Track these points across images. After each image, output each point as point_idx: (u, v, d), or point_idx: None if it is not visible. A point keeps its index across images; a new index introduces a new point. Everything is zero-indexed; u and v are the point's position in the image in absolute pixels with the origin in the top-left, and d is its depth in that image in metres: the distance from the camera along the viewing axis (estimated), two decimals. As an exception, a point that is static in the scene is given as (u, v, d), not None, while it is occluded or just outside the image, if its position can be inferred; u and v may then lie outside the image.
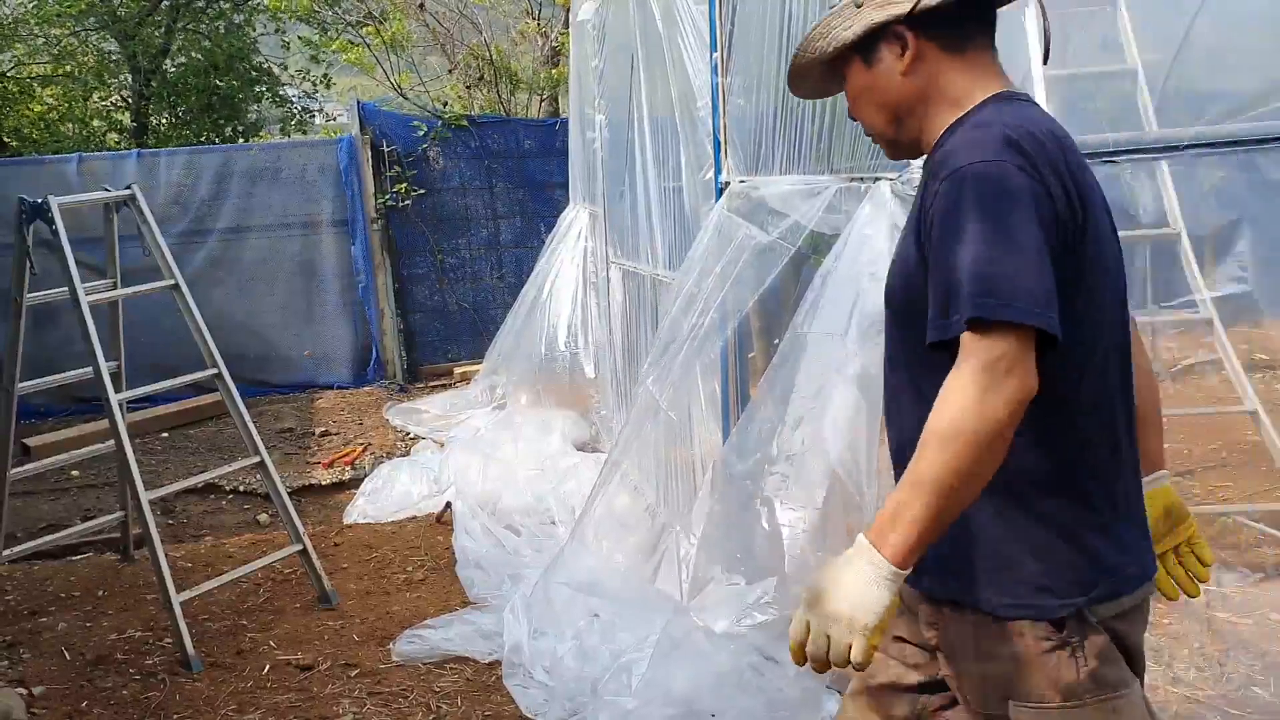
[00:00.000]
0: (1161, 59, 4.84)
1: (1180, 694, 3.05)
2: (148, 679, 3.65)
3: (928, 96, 1.62)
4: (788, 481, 2.84)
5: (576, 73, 6.71)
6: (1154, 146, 2.85)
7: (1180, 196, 4.26)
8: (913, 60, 1.60)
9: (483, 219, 8.37)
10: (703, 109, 3.76)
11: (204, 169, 7.87)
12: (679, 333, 3.53)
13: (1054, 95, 4.13)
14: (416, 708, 3.36)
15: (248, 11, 11.17)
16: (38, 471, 4.50)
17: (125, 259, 4.40)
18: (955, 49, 1.60)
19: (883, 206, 2.65)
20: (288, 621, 4.05)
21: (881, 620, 1.41)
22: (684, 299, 3.54)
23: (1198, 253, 4.31)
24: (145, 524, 3.81)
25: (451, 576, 4.40)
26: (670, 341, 3.59)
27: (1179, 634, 3.42)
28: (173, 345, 6.62)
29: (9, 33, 10.50)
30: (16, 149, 9.75)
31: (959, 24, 1.60)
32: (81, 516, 5.37)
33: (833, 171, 3.06)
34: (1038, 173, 1.43)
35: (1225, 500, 4.46)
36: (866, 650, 1.41)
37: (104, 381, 3.95)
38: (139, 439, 6.49)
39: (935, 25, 1.59)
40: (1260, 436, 4.10)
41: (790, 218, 3.14)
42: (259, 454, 4.19)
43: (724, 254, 3.39)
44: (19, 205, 3.96)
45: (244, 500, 5.70)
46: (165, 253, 4.23)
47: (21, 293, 4.08)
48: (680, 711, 2.93)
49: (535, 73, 11.83)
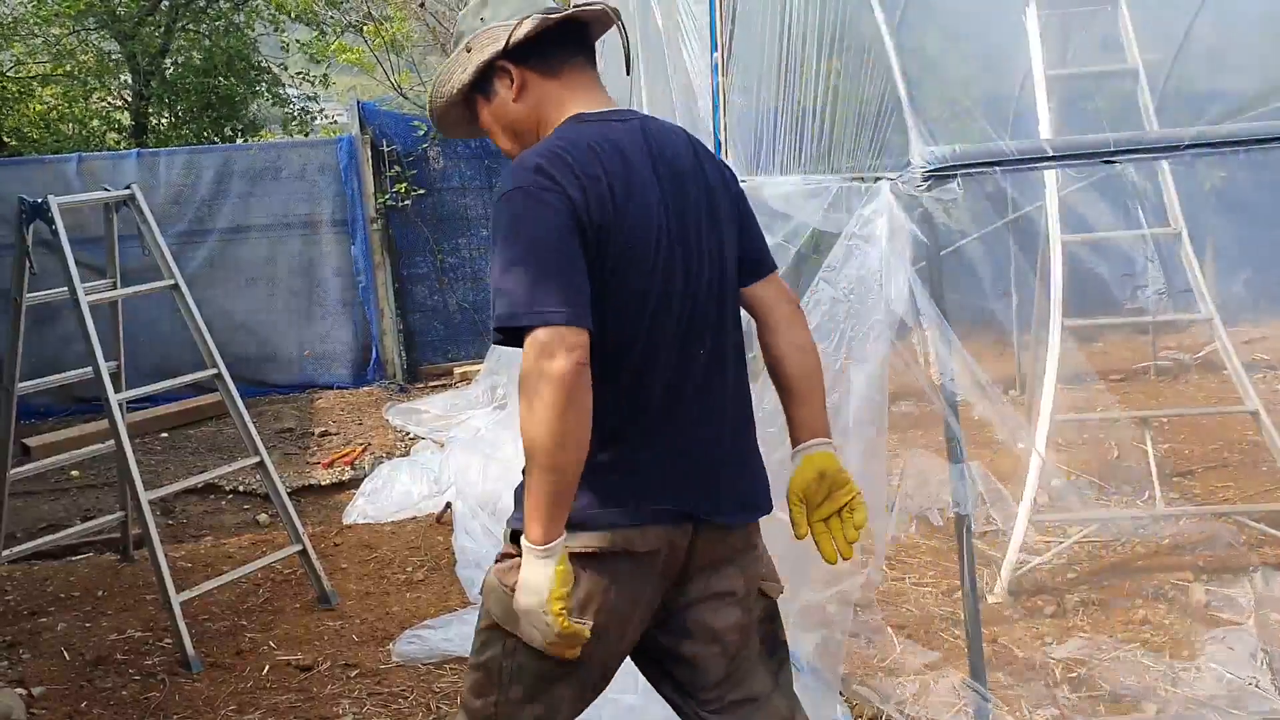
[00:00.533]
0: (1162, 59, 4.84)
1: (1180, 694, 3.05)
2: (148, 679, 3.64)
3: (538, 117, 1.93)
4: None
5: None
6: (1154, 146, 2.84)
7: (1180, 196, 4.26)
8: (519, 88, 1.92)
9: (483, 219, 8.37)
10: (703, 109, 3.76)
11: (204, 169, 7.86)
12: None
13: (1054, 95, 4.14)
14: (416, 708, 3.36)
15: (248, 12, 11.17)
16: (38, 471, 4.49)
17: (125, 259, 4.40)
18: (551, 73, 1.91)
19: (883, 207, 2.65)
20: (287, 622, 4.04)
21: (553, 588, 1.68)
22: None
23: (1198, 252, 4.31)
24: (145, 524, 3.81)
25: (451, 576, 4.40)
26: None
27: (1179, 634, 3.42)
28: (173, 345, 6.65)
29: (9, 32, 10.50)
30: (16, 149, 9.74)
31: (551, 53, 1.91)
32: (81, 516, 5.37)
33: (833, 171, 3.06)
34: (560, 189, 1.73)
35: (1225, 500, 4.46)
36: (555, 616, 1.68)
37: (104, 381, 3.95)
38: (139, 439, 6.48)
39: (530, 56, 1.90)
40: (1260, 436, 4.10)
41: (794, 219, 3.14)
42: (259, 454, 4.19)
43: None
44: (19, 205, 3.96)
45: (244, 500, 5.70)
46: (165, 253, 4.22)
47: (21, 292, 4.08)
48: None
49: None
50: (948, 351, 2.51)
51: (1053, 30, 4.63)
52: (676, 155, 1.90)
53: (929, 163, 2.53)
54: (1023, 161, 2.63)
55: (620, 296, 1.79)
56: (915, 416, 4.58)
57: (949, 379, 2.52)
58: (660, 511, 1.83)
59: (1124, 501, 4.36)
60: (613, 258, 1.77)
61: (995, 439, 2.95)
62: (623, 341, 1.80)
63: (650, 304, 1.81)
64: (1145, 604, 3.64)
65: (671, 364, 1.85)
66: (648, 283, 1.81)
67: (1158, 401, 5.98)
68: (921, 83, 3.30)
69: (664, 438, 1.85)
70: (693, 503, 1.85)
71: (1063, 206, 4.09)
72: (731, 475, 1.93)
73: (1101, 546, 4.14)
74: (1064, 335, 3.92)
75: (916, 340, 2.57)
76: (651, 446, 1.84)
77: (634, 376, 1.82)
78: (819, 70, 3.12)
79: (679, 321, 1.85)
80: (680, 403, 1.86)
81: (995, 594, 3.71)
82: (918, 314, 2.55)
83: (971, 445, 2.62)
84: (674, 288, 1.84)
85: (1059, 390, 3.85)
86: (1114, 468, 4.60)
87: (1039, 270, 4.54)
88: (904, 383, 2.67)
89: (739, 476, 1.95)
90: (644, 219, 1.80)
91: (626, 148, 1.83)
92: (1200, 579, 3.76)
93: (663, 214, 1.83)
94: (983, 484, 2.60)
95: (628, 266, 1.79)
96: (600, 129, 1.85)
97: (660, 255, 1.82)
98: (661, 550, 1.84)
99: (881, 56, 2.75)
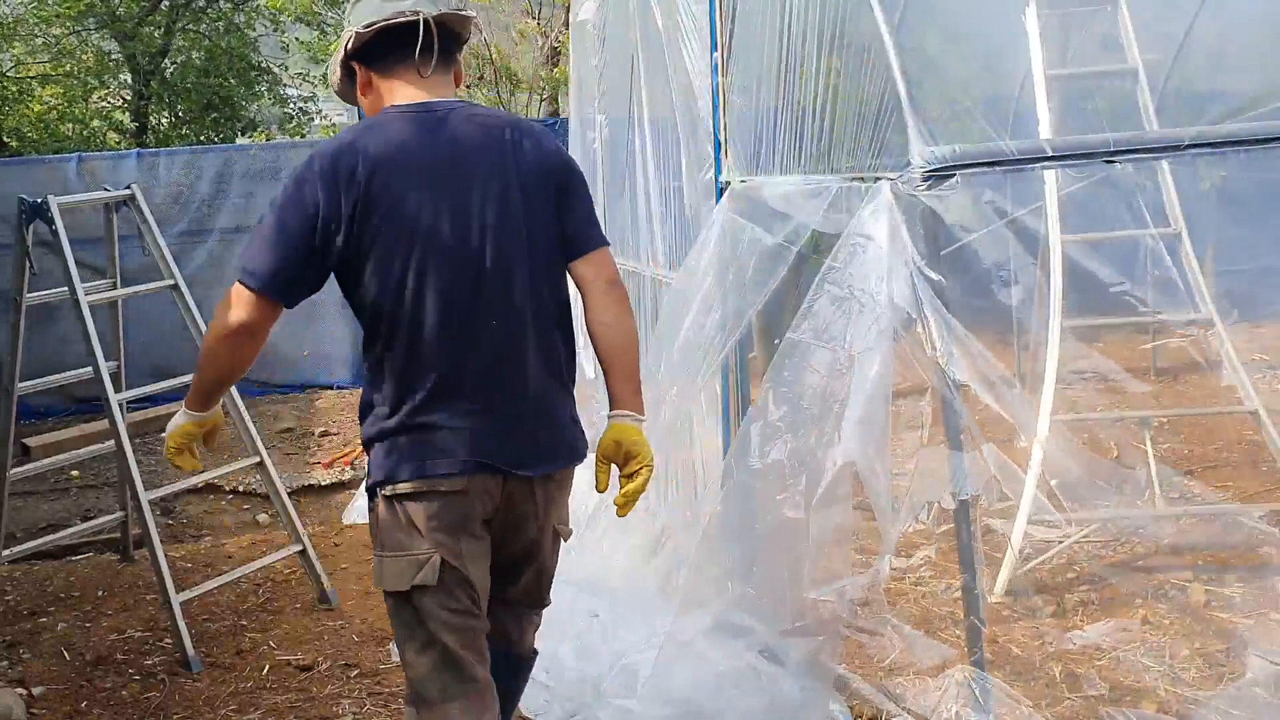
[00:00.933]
0: (1162, 59, 4.84)
1: (1180, 694, 3.05)
2: (148, 679, 3.64)
3: (378, 104, 2.27)
4: (798, 484, 2.83)
5: (576, 73, 6.70)
6: (1154, 146, 2.83)
7: (1180, 196, 4.26)
8: (363, 84, 2.29)
9: (483, 219, 8.36)
10: (703, 109, 3.75)
11: (204, 169, 7.86)
12: (677, 332, 3.53)
13: (1054, 95, 4.14)
14: (416, 708, 3.36)
15: (248, 12, 11.17)
16: (38, 471, 4.50)
17: (125, 259, 4.40)
18: (386, 71, 2.25)
19: (883, 207, 2.65)
20: (287, 621, 4.04)
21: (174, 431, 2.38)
22: (687, 300, 3.54)
23: (1198, 252, 4.31)
24: (145, 524, 3.81)
25: (451, 576, 4.39)
26: (671, 342, 3.59)
27: (1179, 634, 3.42)
28: (173, 345, 6.63)
29: (9, 33, 10.50)
30: (16, 149, 9.74)
31: (387, 53, 2.23)
32: (81, 516, 5.37)
33: (833, 171, 3.06)
34: (320, 181, 2.09)
35: (1225, 500, 4.46)
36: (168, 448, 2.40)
37: (104, 381, 3.95)
38: (139, 439, 6.48)
39: (368, 59, 2.25)
40: (1260, 436, 4.10)
41: (794, 219, 3.14)
42: (259, 454, 4.19)
43: (730, 256, 3.39)
44: (19, 205, 3.96)
45: (244, 500, 5.70)
46: (165, 253, 4.23)
47: (21, 293, 4.08)
48: (681, 712, 2.93)
49: (535, 73, 11.83)
50: (950, 339, 2.51)
51: (1053, 30, 4.63)
52: (475, 145, 2.18)
53: (929, 163, 2.53)
54: (1023, 161, 2.63)
55: (384, 268, 2.11)
56: (926, 415, 4.57)
57: (950, 365, 2.52)
58: (465, 463, 2.15)
59: (1124, 501, 4.36)
60: (371, 234, 2.10)
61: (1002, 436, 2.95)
62: (391, 308, 2.13)
63: (413, 280, 2.11)
64: (1145, 604, 3.64)
65: (456, 328, 2.14)
66: (408, 254, 2.11)
67: (1158, 401, 5.98)
68: (921, 83, 3.29)
69: (462, 394, 2.15)
70: (495, 456, 2.17)
71: (1062, 206, 4.09)
72: (532, 431, 2.23)
73: (1101, 546, 4.14)
74: (1064, 335, 3.92)
75: (921, 330, 2.57)
76: (450, 402, 2.15)
77: (411, 340, 2.13)
78: (819, 70, 3.12)
79: (458, 289, 2.13)
80: (477, 363, 2.16)
81: (995, 594, 3.71)
82: (920, 311, 2.55)
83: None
84: (441, 258, 2.12)
85: (1058, 390, 3.85)
86: (1114, 468, 4.60)
87: (1039, 270, 4.53)
88: (912, 382, 2.68)
89: (541, 433, 2.25)
90: (406, 201, 2.11)
91: (408, 136, 2.16)
92: (1200, 579, 3.76)
93: (438, 195, 2.13)
94: (994, 464, 2.61)
95: (387, 240, 2.11)
96: (399, 122, 2.18)
97: (422, 229, 2.11)
98: (470, 491, 2.17)
99: (881, 56, 2.75)
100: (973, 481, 2.56)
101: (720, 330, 3.40)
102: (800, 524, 2.76)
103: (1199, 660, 3.24)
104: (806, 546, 2.77)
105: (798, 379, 2.84)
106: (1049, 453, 3.19)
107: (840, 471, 2.66)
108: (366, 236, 2.10)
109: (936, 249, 2.61)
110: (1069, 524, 3.96)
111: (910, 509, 2.70)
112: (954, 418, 2.55)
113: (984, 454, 2.60)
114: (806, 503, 2.74)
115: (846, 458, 2.64)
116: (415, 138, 2.16)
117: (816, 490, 2.72)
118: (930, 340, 2.53)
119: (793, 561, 2.88)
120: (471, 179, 2.15)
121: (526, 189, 2.19)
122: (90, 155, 8.12)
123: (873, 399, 2.62)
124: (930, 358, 2.53)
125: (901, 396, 2.68)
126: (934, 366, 2.53)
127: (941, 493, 2.60)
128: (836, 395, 2.70)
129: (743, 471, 2.98)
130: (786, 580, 2.95)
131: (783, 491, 2.81)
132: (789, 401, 2.86)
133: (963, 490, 2.55)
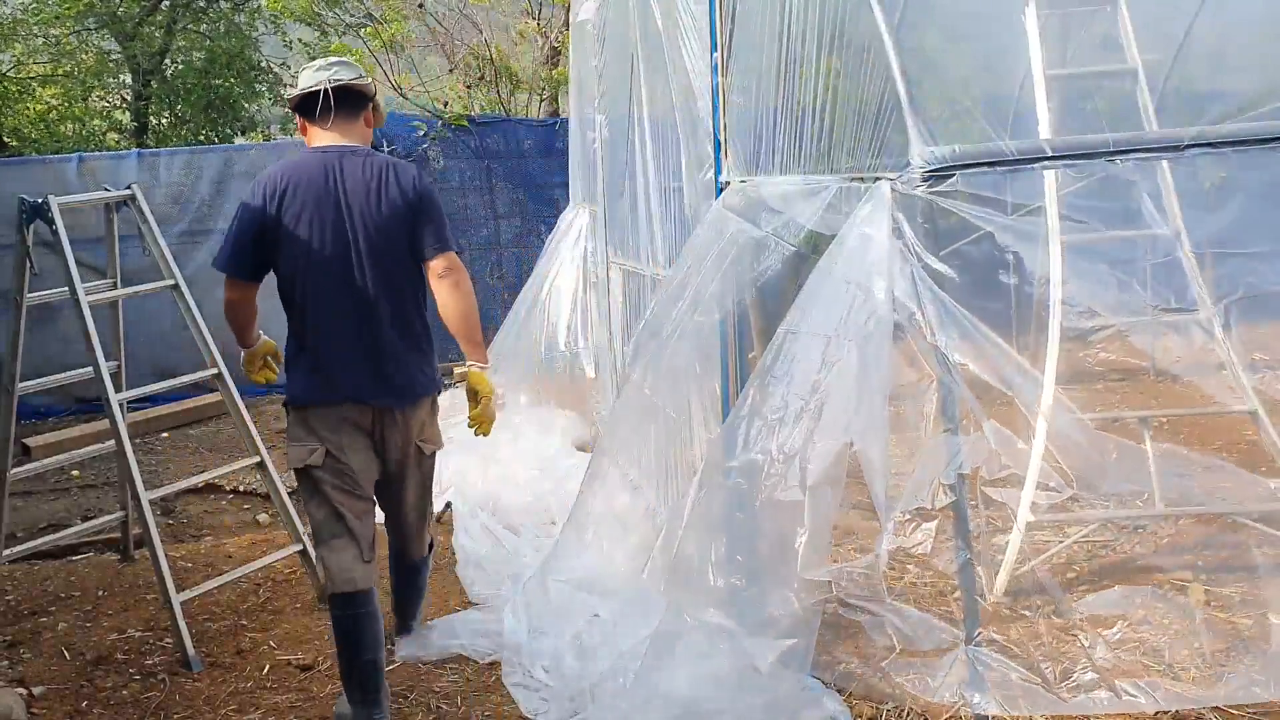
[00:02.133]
0: (1161, 59, 4.84)
1: (1180, 694, 3.04)
2: (148, 679, 3.65)
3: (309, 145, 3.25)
4: (787, 479, 2.82)
5: (576, 73, 6.71)
6: (1154, 146, 2.84)
7: (1180, 196, 4.26)
8: (301, 127, 3.32)
9: (482, 219, 8.36)
10: (703, 109, 3.75)
11: (204, 169, 7.87)
12: (665, 322, 3.54)
13: (1054, 95, 4.14)
14: (416, 708, 3.36)
15: (248, 12, 11.17)
16: (38, 471, 4.49)
17: (125, 259, 4.40)
18: (314, 120, 3.24)
19: (883, 206, 2.65)
20: (288, 621, 4.05)
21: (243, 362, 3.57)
22: (673, 289, 3.55)
23: (1198, 252, 4.30)
24: (145, 524, 3.81)
25: (451, 576, 4.40)
26: (657, 331, 3.59)
27: (1179, 634, 3.42)
28: (173, 345, 6.65)
29: (9, 33, 10.50)
30: (16, 149, 9.74)
31: (308, 112, 3.23)
32: (81, 516, 5.37)
33: (833, 171, 3.06)
34: (258, 196, 3.13)
35: (1226, 500, 4.45)
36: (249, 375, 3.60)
37: (104, 381, 3.95)
38: (139, 439, 6.49)
39: (301, 112, 3.27)
40: (1260, 436, 4.10)
41: (785, 214, 3.14)
42: (259, 454, 4.19)
43: (714, 246, 3.40)
44: (19, 205, 3.96)
45: (244, 500, 5.70)
46: (165, 253, 4.23)
47: (22, 292, 4.08)
48: (680, 712, 2.93)
49: (535, 73, 11.83)
50: (949, 321, 2.52)
51: (1053, 30, 4.63)
52: (355, 178, 3.13)
53: (929, 162, 2.53)
54: (1023, 161, 2.63)
55: (290, 256, 3.13)
56: (926, 409, 4.57)
57: (949, 349, 2.52)
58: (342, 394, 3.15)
59: (1124, 501, 4.36)
60: (285, 233, 3.11)
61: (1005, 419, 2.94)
62: (295, 283, 3.14)
63: (304, 262, 3.12)
64: (1145, 604, 3.64)
65: (334, 301, 3.13)
66: (305, 248, 3.11)
67: (1157, 401, 5.98)
68: (921, 82, 3.29)
69: (339, 347, 3.14)
70: (362, 390, 3.17)
71: (1062, 206, 4.09)
72: (388, 372, 3.18)
73: (1101, 546, 4.14)
74: (1063, 335, 3.92)
75: (920, 317, 2.57)
76: (330, 352, 3.15)
77: (305, 307, 3.15)
78: (818, 70, 3.12)
79: (335, 275, 3.12)
80: (348, 326, 3.14)
81: (995, 594, 3.71)
82: (919, 303, 2.55)
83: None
84: (325, 253, 3.11)
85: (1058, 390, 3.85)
86: (1113, 468, 4.59)
87: (1038, 270, 4.53)
88: (912, 380, 2.68)
89: (395, 377, 3.19)
90: (304, 213, 3.10)
91: (313, 168, 3.13)
92: (1200, 579, 3.75)
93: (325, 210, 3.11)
94: (994, 439, 2.62)
95: (292, 238, 3.11)
96: (310, 157, 3.17)
97: (314, 233, 3.10)
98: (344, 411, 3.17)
99: (881, 56, 2.75)
100: (972, 458, 2.57)
101: (714, 323, 3.40)
102: (795, 509, 2.75)
103: (1199, 660, 3.24)
104: (801, 532, 2.75)
105: (789, 375, 2.84)
106: (1054, 426, 3.18)
107: (839, 453, 2.65)
108: (281, 238, 3.12)
109: (936, 247, 2.61)
110: (1074, 501, 3.94)
111: (911, 491, 2.69)
112: (952, 399, 2.55)
113: (985, 430, 2.60)
114: (802, 485, 2.73)
115: (845, 439, 2.64)
116: (316, 172, 3.13)
117: (810, 474, 2.71)
118: (929, 325, 2.53)
119: (786, 551, 2.87)
120: (349, 203, 3.13)
121: (384, 211, 3.14)
122: (90, 155, 8.13)
123: (870, 388, 2.62)
124: (930, 343, 2.53)
125: (902, 397, 2.68)
126: (932, 350, 2.53)
127: (941, 472, 2.60)
128: (830, 386, 2.70)
129: (731, 463, 2.98)
130: (779, 572, 2.94)
131: (773, 479, 2.80)
132: (779, 393, 2.86)
133: (961, 466, 2.56)
